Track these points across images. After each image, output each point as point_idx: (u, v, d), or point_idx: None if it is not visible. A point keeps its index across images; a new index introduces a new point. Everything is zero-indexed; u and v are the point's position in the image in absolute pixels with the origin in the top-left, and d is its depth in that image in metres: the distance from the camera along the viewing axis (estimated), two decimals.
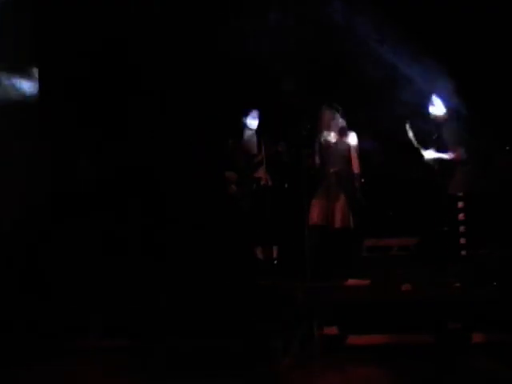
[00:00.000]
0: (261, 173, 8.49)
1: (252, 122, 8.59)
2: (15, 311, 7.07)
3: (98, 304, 7.24)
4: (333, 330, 6.68)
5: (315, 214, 7.98)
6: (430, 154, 7.93)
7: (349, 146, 8.10)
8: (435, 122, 8.05)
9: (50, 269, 7.77)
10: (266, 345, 5.96)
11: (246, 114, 8.60)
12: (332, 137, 8.16)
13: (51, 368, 6.53)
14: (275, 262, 8.41)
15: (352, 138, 8.12)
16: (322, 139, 8.16)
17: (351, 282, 7.46)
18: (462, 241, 7.49)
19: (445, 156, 7.84)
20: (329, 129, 8.15)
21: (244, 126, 8.65)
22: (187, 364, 6.19)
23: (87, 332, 7.07)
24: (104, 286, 7.53)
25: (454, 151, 7.78)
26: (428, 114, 8.08)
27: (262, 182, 8.49)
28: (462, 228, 7.50)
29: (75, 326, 7.08)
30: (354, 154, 8.10)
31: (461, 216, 7.51)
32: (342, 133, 8.12)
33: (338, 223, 7.95)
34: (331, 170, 8.11)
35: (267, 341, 5.97)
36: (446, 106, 7.95)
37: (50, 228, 8.27)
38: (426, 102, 8.11)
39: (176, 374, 6.02)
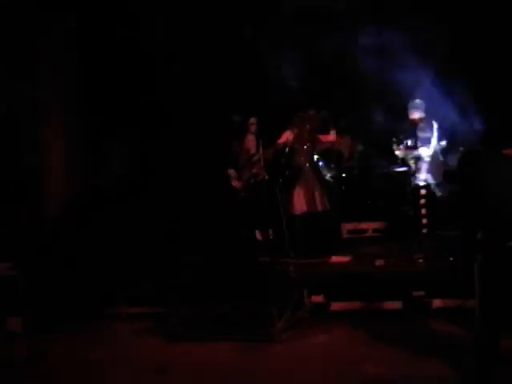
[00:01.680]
0: (258, 169, 8.63)
1: (252, 125, 8.80)
2: (60, 284, 7.40)
3: (125, 277, 7.55)
4: (319, 298, 6.92)
5: (300, 203, 8.11)
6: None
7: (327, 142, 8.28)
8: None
9: (86, 249, 8.01)
10: (265, 310, 6.23)
11: (247, 119, 8.82)
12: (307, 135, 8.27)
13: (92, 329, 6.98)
14: (271, 242, 8.60)
15: (332, 135, 8.26)
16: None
17: (334, 258, 7.72)
18: (424, 222, 7.58)
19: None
20: (309, 127, 8.25)
21: (245, 129, 8.89)
22: (200, 327, 6.50)
23: (117, 300, 7.42)
24: (131, 261, 7.80)
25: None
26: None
27: (259, 177, 8.66)
28: (423, 211, 7.60)
29: (109, 295, 7.43)
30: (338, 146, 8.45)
31: (422, 201, 7.60)
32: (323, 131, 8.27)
33: (319, 207, 8.08)
34: (307, 164, 8.23)
35: (265, 307, 6.25)
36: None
37: (87, 215, 8.53)
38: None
39: (191, 335, 6.41)
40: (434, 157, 7.87)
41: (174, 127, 9.36)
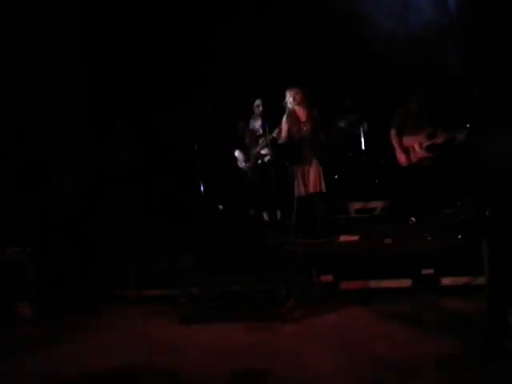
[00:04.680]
0: (265, 150, 8.56)
1: (257, 107, 8.72)
2: (69, 268, 7.42)
3: (135, 260, 7.56)
4: (328, 278, 6.92)
5: (297, 186, 7.97)
6: None
7: (315, 121, 8.02)
8: None
9: (97, 232, 8.05)
10: (274, 290, 6.24)
11: (253, 102, 8.74)
12: (301, 114, 8.05)
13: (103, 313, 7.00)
14: (279, 223, 8.55)
15: (316, 113, 8.03)
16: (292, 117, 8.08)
17: (343, 237, 7.70)
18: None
19: None
20: (297, 107, 8.05)
21: (251, 111, 8.84)
22: (209, 308, 6.53)
23: (127, 283, 7.43)
24: (140, 244, 7.83)
25: None
26: None
27: (266, 159, 8.60)
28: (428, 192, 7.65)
29: (118, 278, 7.43)
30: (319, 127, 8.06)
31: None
32: (309, 109, 8.06)
33: (311, 188, 7.93)
34: (304, 144, 7.98)
35: (274, 287, 6.25)
36: None
37: (95, 199, 8.56)
38: None
39: (201, 315, 6.42)
40: None
41: (182, 109, 9.28)
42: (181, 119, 9.22)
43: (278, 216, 8.68)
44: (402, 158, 8.04)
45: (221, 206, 7.81)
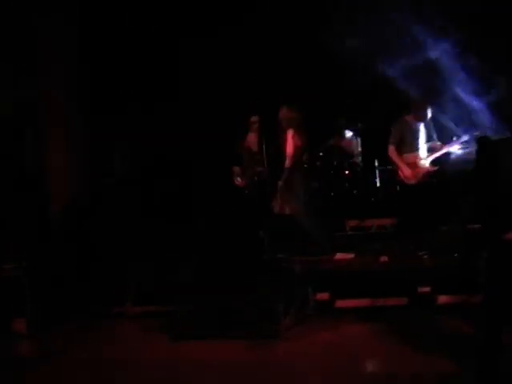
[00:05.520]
0: (261, 167, 8.48)
1: (254, 124, 8.70)
2: (64, 284, 7.37)
3: (131, 275, 7.52)
4: (324, 296, 6.91)
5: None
6: None
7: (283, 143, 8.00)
8: None
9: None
10: (270, 308, 6.20)
11: (249, 119, 8.73)
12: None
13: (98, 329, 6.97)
14: (276, 239, 8.52)
15: (289, 135, 7.94)
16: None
17: (339, 255, 7.66)
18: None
19: None
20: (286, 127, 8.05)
21: (248, 128, 8.81)
22: (207, 324, 6.44)
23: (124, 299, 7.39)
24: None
25: None
26: None
27: (262, 176, 8.51)
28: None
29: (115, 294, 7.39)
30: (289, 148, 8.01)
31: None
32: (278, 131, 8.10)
33: (280, 209, 8.04)
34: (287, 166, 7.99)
35: (271, 305, 6.22)
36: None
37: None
38: None
39: (198, 332, 6.36)
40: None
41: (180, 124, 9.29)
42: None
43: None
44: (407, 172, 7.62)
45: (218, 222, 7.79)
